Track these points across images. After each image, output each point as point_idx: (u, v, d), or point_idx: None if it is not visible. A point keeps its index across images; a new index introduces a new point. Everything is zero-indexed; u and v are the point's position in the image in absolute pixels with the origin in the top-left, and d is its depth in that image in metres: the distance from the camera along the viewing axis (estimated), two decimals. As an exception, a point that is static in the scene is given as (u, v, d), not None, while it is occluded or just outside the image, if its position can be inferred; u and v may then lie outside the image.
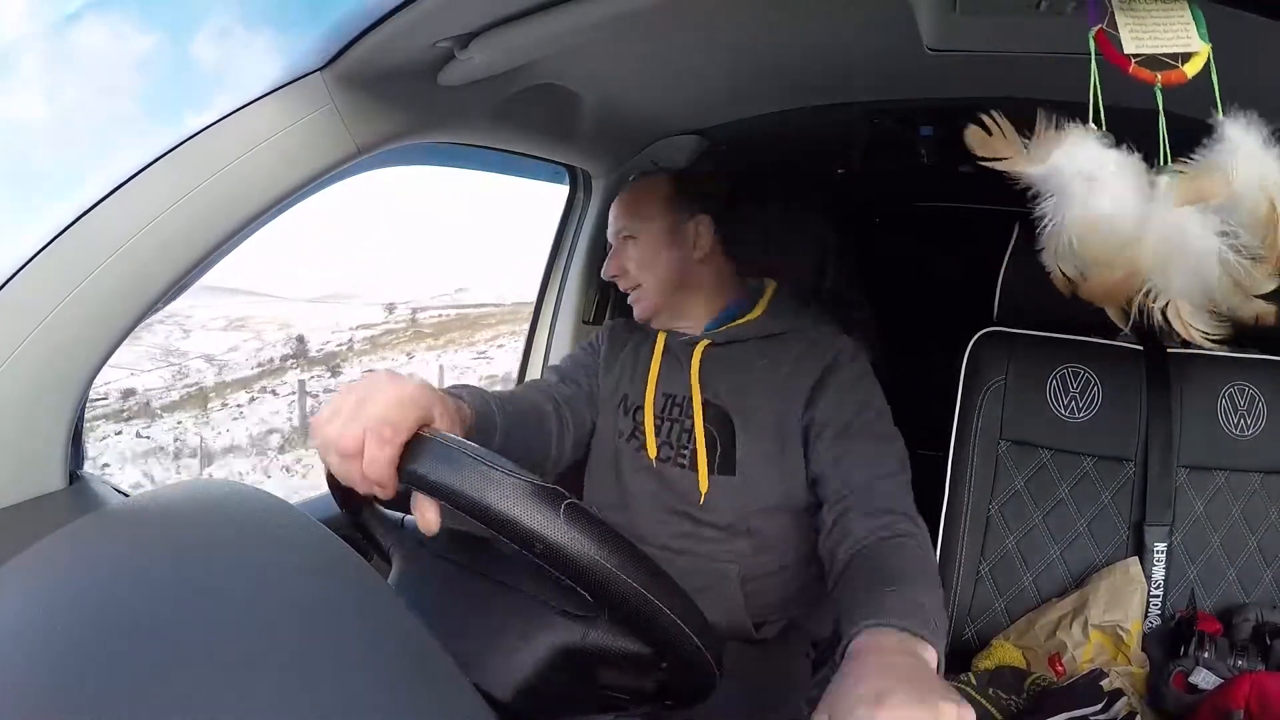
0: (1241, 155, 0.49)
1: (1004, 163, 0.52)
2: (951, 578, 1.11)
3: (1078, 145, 0.51)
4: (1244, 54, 0.53)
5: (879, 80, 1.03)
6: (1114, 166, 0.51)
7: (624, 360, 1.06)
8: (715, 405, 0.97)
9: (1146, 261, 0.51)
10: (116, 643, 0.34)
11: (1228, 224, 0.50)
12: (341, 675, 0.34)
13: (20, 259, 0.65)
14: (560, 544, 0.43)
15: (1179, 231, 0.50)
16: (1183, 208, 0.49)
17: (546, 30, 0.69)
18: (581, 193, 1.34)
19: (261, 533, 0.43)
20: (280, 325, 7.32)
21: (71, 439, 0.70)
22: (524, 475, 0.44)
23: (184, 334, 6.46)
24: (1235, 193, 0.49)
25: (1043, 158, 0.51)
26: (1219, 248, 0.50)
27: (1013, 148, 0.52)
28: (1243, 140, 0.50)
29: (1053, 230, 0.52)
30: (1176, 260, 0.51)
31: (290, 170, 0.74)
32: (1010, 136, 0.52)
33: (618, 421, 1.02)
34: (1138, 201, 0.50)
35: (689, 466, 0.96)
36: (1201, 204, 0.49)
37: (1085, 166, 0.50)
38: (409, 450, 0.47)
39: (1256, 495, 1.07)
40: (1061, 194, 0.51)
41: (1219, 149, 0.50)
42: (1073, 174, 0.50)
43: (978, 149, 0.52)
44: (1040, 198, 0.52)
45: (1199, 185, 0.49)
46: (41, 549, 0.43)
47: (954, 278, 1.62)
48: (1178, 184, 0.50)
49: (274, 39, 0.69)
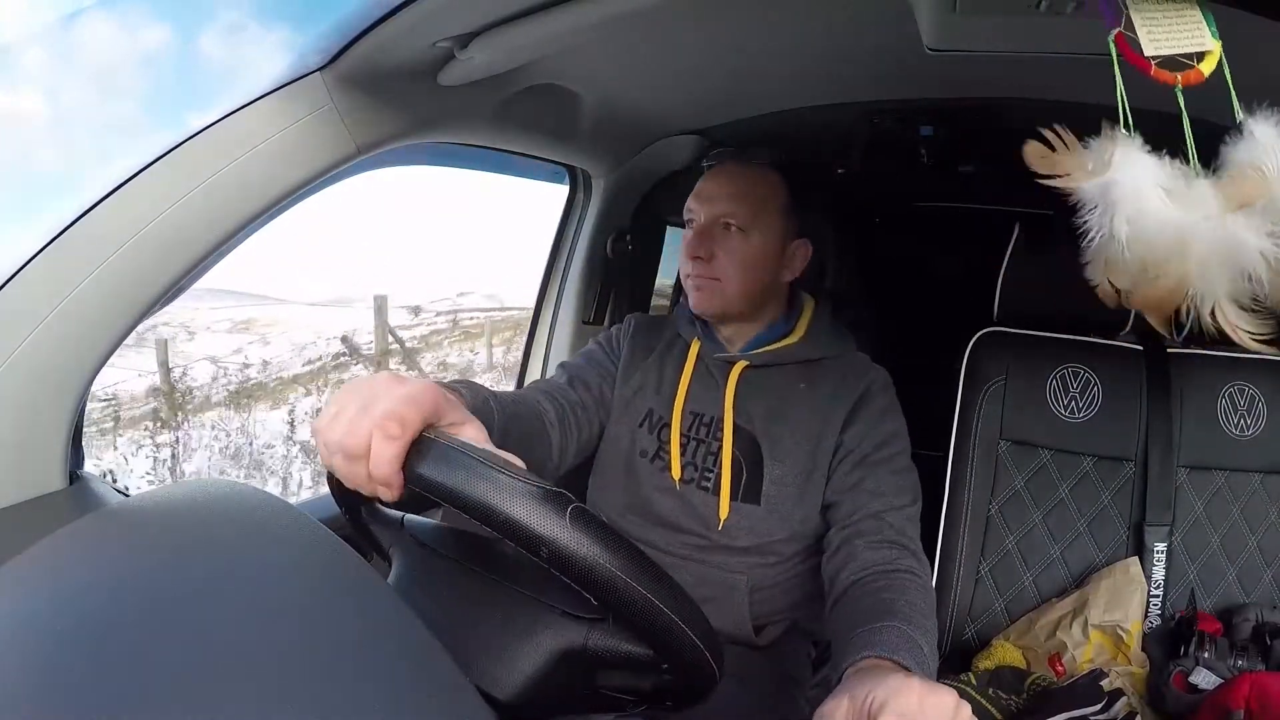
0: (1275, 154, 0.48)
1: (1065, 180, 0.49)
2: (951, 578, 1.11)
3: (1129, 154, 0.49)
4: (1248, 53, 0.53)
5: (879, 80, 1.03)
6: (1162, 175, 0.49)
7: (648, 370, 1.01)
8: (746, 431, 0.94)
9: (1195, 268, 0.49)
10: (117, 643, 0.34)
11: (1270, 224, 0.49)
12: (341, 675, 0.34)
13: (20, 259, 0.66)
14: (567, 549, 0.42)
15: (1228, 235, 0.49)
16: (1229, 212, 0.48)
17: (546, 30, 0.69)
18: (581, 193, 1.34)
19: (261, 533, 0.43)
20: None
21: (71, 439, 0.71)
22: (531, 479, 0.43)
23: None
24: (1273, 192, 0.48)
25: (1102, 170, 0.49)
26: (1265, 247, 0.49)
27: (1078, 161, 0.49)
28: (1275, 138, 0.48)
29: (1101, 242, 0.50)
30: (1225, 264, 0.49)
31: (290, 170, 0.74)
32: (1074, 150, 0.50)
33: (639, 439, 0.98)
34: (1184, 208, 0.49)
35: (712, 491, 0.93)
36: (1247, 207, 0.48)
37: (1136, 175, 0.49)
38: (414, 451, 0.47)
39: (1256, 495, 1.07)
40: (1112, 205, 0.49)
41: (1247, 148, 0.49)
42: (1126, 184, 0.49)
43: (1037, 165, 0.50)
44: (1083, 207, 0.50)
45: (1242, 189, 0.48)
46: (41, 549, 0.43)
47: (954, 278, 1.62)
48: (1220, 189, 0.49)
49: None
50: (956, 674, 0.99)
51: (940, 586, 1.12)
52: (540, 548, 0.42)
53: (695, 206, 0.96)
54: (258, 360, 5.88)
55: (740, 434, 0.94)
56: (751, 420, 0.94)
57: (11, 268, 0.65)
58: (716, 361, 0.97)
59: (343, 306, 7.61)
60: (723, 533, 0.92)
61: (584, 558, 0.43)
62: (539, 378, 1.39)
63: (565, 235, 1.37)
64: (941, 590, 1.12)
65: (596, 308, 1.39)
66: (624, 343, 1.04)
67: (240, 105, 0.71)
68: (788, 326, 0.99)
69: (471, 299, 8.30)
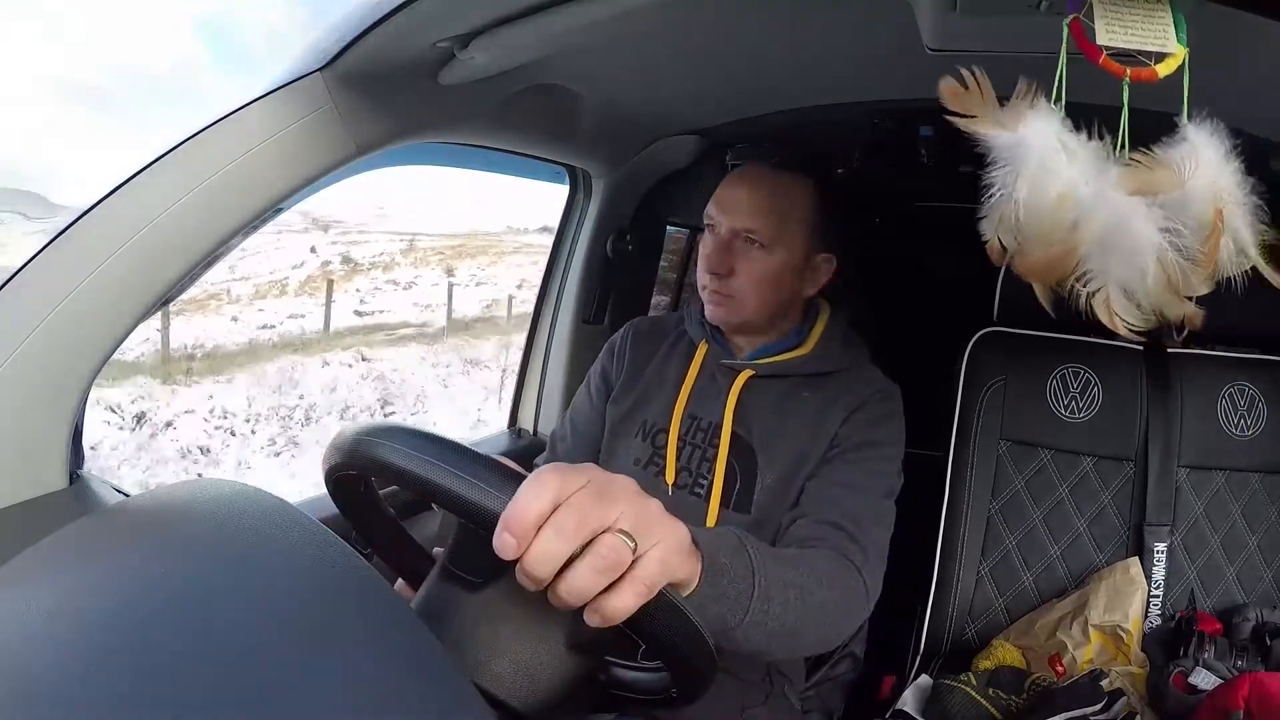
0: (1200, 159, 0.49)
1: (971, 121, 0.51)
2: (951, 578, 1.12)
3: (1045, 120, 0.51)
4: (1226, 58, 0.53)
5: (879, 80, 1.03)
6: (1074, 146, 0.51)
7: (649, 377, 0.99)
8: (743, 440, 0.91)
9: (1086, 244, 0.51)
10: (116, 643, 0.34)
11: (1172, 221, 0.50)
12: (341, 675, 0.34)
13: (21, 259, 0.66)
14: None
15: (1123, 219, 0.50)
16: (1131, 197, 0.49)
17: (547, 30, 0.69)
18: (581, 193, 1.34)
19: (261, 532, 0.43)
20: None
21: (72, 439, 0.71)
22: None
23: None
24: (1186, 193, 0.49)
25: (1013, 125, 0.50)
26: (1159, 243, 0.50)
27: (985, 108, 0.51)
28: (1204, 145, 0.50)
29: (1000, 199, 0.51)
30: (1115, 248, 0.51)
31: (290, 170, 0.74)
32: (987, 96, 0.51)
33: (632, 449, 0.96)
34: (1090, 184, 0.50)
35: (703, 498, 0.91)
36: (1150, 197, 0.50)
37: (1048, 141, 0.50)
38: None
39: (1256, 495, 1.07)
40: (1018, 164, 0.50)
41: (1179, 148, 0.50)
42: (1034, 146, 0.50)
43: (949, 102, 0.51)
44: (993, 164, 0.51)
45: (1150, 177, 0.49)
46: (41, 549, 0.43)
47: (954, 278, 1.62)
48: (1130, 173, 0.50)
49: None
50: (956, 674, 0.99)
51: (940, 586, 1.12)
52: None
53: (715, 214, 0.91)
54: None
55: (737, 442, 0.91)
56: (750, 430, 0.92)
57: (12, 267, 0.65)
58: (721, 367, 0.95)
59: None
60: None
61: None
62: (539, 378, 1.39)
63: (565, 235, 1.37)
64: (941, 590, 1.12)
65: (596, 307, 1.39)
66: (623, 360, 1.02)
67: (240, 105, 0.71)
68: (800, 337, 0.96)
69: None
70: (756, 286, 0.90)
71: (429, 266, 10.14)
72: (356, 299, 8.64)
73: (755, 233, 0.88)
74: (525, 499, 0.41)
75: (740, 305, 0.91)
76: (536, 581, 0.41)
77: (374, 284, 9.28)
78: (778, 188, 0.90)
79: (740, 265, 0.89)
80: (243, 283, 8.02)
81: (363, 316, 8.18)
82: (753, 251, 0.89)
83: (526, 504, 0.40)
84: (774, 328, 0.96)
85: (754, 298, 0.90)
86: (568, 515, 0.41)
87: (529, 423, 1.41)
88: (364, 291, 9.00)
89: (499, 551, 0.40)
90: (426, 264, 10.21)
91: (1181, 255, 0.50)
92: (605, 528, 0.42)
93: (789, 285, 0.92)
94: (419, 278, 9.54)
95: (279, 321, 7.52)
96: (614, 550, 0.41)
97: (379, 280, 9.44)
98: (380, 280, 9.44)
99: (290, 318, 7.58)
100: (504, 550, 0.40)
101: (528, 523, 0.40)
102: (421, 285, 9.36)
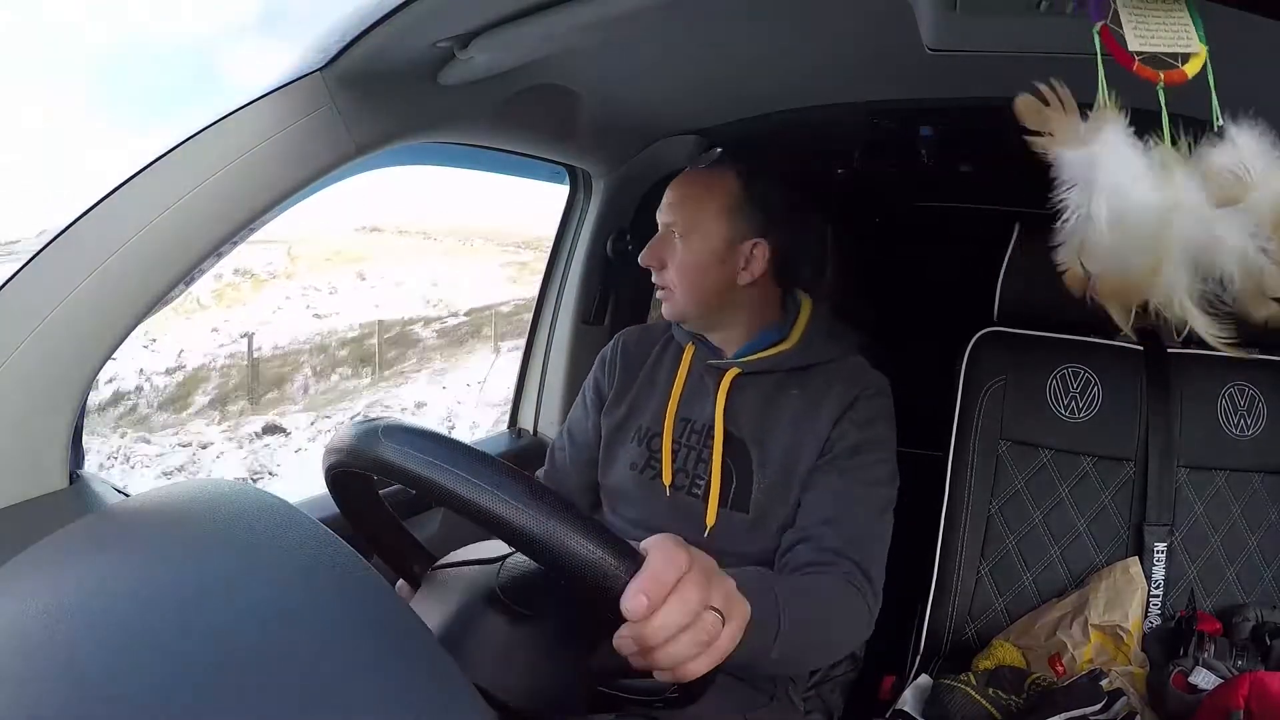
0: (1258, 160, 0.48)
1: (1049, 140, 0.48)
2: (951, 578, 1.11)
3: (1118, 133, 0.48)
4: (1236, 57, 0.53)
5: (879, 80, 1.03)
6: (1143, 157, 0.48)
7: (640, 385, 1.01)
8: (737, 438, 0.93)
9: (1169, 260, 0.48)
10: (117, 642, 0.34)
11: (1249, 224, 0.48)
12: (341, 675, 0.34)
13: (20, 259, 0.66)
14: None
15: (1207, 231, 0.48)
16: (1208, 203, 0.47)
17: (546, 30, 0.69)
18: (581, 193, 1.34)
19: (261, 532, 0.43)
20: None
21: (72, 439, 0.71)
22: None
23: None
24: (1253, 196, 0.48)
25: (1089, 141, 0.47)
26: (1243, 247, 0.48)
27: (1068, 123, 0.48)
28: (1254, 145, 0.48)
29: (1078, 222, 0.48)
30: (1198, 261, 0.48)
31: (290, 170, 0.74)
32: (1070, 110, 0.48)
33: (628, 454, 0.98)
34: (1166, 196, 0.48)
35: (701, 498, 0.93)
36: (1229, 205, 0.48)
37: (1122, 155, 0.48)
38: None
39: (1256, 495, 1.07)
40: (1092, 182, 0.47)
41: (1226, 153, 0.48)
42: (1108, 161, 0.47)
43: (1028, 119, 0.48)
44: (1062, 185, 0.48)
45: (1225, 188, 0.48)
46: (41, 549, 0.43)
47: (954, 278, 1.62)
48: (1211, 182, 0.48)
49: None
50: (956, 674, 0.99)
51: (940, 586, 1.12)
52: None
53: (657, 217, 0.98)
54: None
55: (731, 441, 0.93)
56: (742, 428, 0.93)
57: (12, 267, 0.65)
58: (708, 368, 0.96)
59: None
60: (710, 539, 0.91)
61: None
62: (539, 379, 1.39)
63: (565, 235, 1.37)
64: (941, 590, 1.12)
65: (596, 308, 1.39)
66: (614, 370, 1.04)
67: (240, 105, 0.71)
68: (782, 332, 0.97)
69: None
70: (683, 276, 0.94)
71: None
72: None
73: (674, 225, 0.94)
74: (662, 569, 0.45)
75: (676, 301, 0.95)
76: (647, 647, 0.45)
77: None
78: (697, 180, 0.96)
79: (669, 259, 0.94)
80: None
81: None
82: (675, 243, 0.94)
83: (665, 574, 0.45)
84: (738, 322, 0.97)
85: (682, 287, 0.94)
86: (691, 591, 0.46)
87: (529, 423, 1.41)
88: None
89: (629, 613, 0.44)
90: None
91: (1267, 258, 0.48)
92: (708, 605, 0.47)
93: (715, 273, 0.93)
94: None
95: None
96: (715, 626, 0.47)
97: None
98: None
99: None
100: (634, 613, 0.44)
101: (663, 593, 0.44)
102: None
